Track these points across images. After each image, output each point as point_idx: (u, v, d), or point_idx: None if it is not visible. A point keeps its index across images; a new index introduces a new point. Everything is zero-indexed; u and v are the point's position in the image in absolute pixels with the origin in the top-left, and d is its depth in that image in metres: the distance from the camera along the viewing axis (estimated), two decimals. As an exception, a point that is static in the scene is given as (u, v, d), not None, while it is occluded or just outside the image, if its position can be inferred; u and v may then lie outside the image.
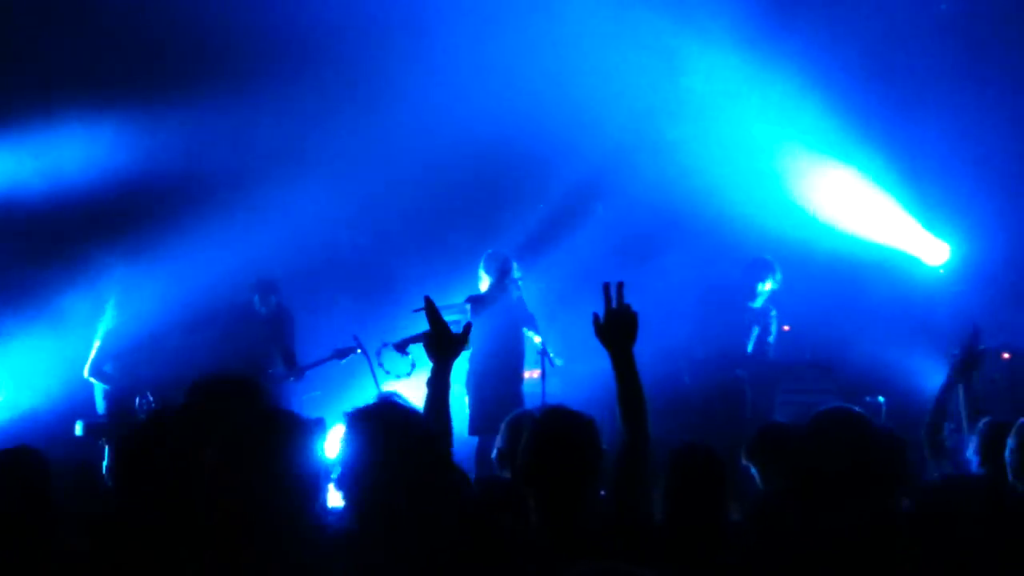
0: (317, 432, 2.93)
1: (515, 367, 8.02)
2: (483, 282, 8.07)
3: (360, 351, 8.07)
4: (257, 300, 8.44)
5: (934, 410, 4.66)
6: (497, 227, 9.24)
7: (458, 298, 8.01)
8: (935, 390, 4.76)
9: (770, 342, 8.33)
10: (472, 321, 7.75)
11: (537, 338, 8.06)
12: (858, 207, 9.30)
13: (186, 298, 8.19)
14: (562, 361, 8.08)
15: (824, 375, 8.29)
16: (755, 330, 8.23)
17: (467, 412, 7.88)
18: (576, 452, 3.23)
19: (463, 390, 7.91)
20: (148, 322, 8.00)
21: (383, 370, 7.82)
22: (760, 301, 8.29)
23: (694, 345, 8.33)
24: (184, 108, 8.57)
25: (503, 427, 4.36)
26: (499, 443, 4.35)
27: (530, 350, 8.17)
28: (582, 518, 3.18)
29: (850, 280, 9.15)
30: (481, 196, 9.67)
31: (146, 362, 7.82)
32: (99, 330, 8.05)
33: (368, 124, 9.12)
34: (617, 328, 3.27)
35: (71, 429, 7.55)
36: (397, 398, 3.08)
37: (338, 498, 2.97)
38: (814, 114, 9.03)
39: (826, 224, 9.30)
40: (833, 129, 9.06)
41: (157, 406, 7.12)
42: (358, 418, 3.01)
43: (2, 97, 8.50)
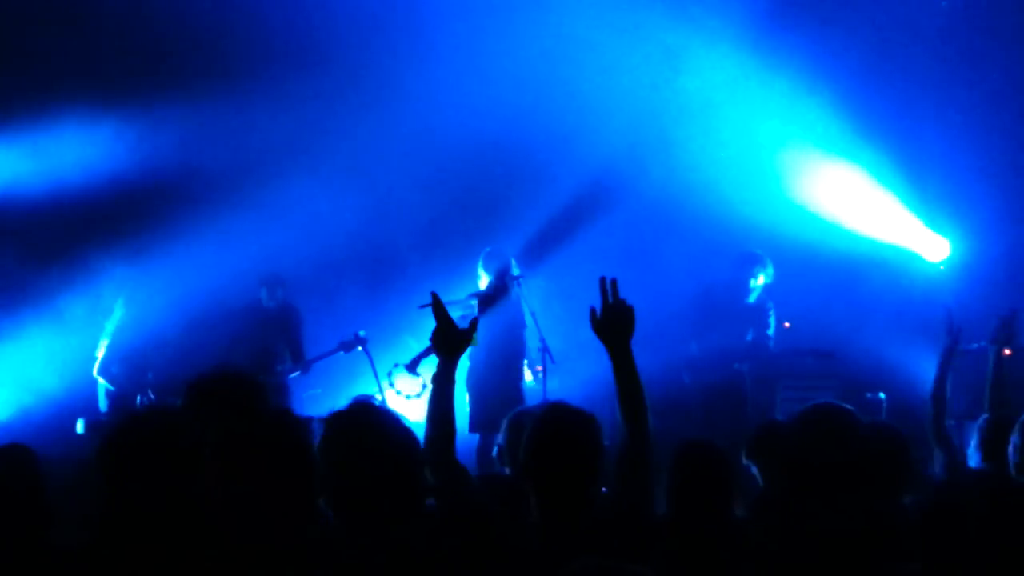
0: (312, 432, 2.94)
1: (515, 364, 8.01)
2: (482, 280, 8.06)
3: (362, 349, 8.08)
4: (265, 294, 8.44)
5: (932, 401, 4.66)
6: (499, 224, 9.23)
7: (461, 294, 8.02)
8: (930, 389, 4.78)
9: (769, 335, 8.27)
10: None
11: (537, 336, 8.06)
12: (858, 203, 9.29)
13: (193, 297, 8.20)
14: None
15: (825, 363, 8.25)
16: (750, 326, 8.21)
17: (467, 409, 7.89)
18: (578, 449, 3.23)
19: (463, 387, 7.91)
20: (156, 321, 8.00)
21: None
22: (754, 296, 8.27)
23: (689, 344, 8.30)
24: (185, 106, 8.56)
25: (504, 424, 4.36)
26: (500, 440, 4.36)
27: (530, 347, 8.17)
28: (584, 515, 3.18)
29: (851, 276, 9.15)
30: (483, 193, 9.66)
31: (153, 362, 7.81)
32: (107, 329, 8.04)
33: (371, 122, 9.11)
34: (614, 323, 3.27)
35: (72, 427, 7.56)
36: (372, 400, 3.09)
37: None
38: (815, 111, 9.02)
39: (827, 221, 9.29)
40: (834, 126, 9.06)
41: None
42: (332, 421, 3.03)
43: (1, 97, 8.50)
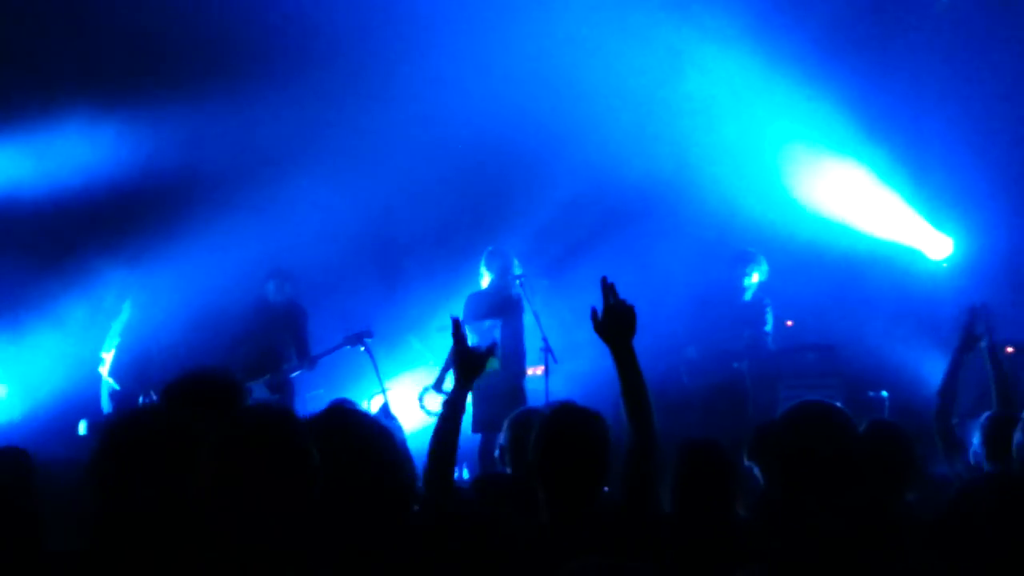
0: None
1: (517, 364, 7.99)
2: (484, 278, 8.05)
3: (364, 349, 8.08)
4: (272, 288, 8.42)
5: (940, 396, 4.63)
6: (502, 223, 9.23)
7: (462, 295, 8.05)
8: (938, 384, 4.74)
9: (767, 331, 8.25)
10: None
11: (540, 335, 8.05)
12: (861, 201, 9.28)
13: (199, 296, 8.22)
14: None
15: (828, 361, 8.24)
16: (748, 324, 8.20)
17: (469, 409, 7.89)
18: (586, 447, 3.26)
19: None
20: (163, 322, 8.01)
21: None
22: (749, 294, 8.26)
23: (686, 345, 8.29)
24: (187, 107, 8.57)
25: (506, 424, 4.36)
26: (502, 440, 4.35)
27: (532, 347, 8.15)
28: (592, 514, 3.18)
29: (853, 274, 9.13)
30: (485, 193, 9.66)
31: (160, 363, 7.81)
32: (114, 330, 8.05)
33: (375, 122, 9.13)
34: (615, 323, 3.27)
35: (75, 428, 7.56)
36: (348, 403, 3.06)
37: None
38: (818, 109, 9.01)
39: (830, 219, 9.29)
40: (837, 124, 9.05)
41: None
42: (308, 426, 3.01)
43: (2, 98, 8.50)
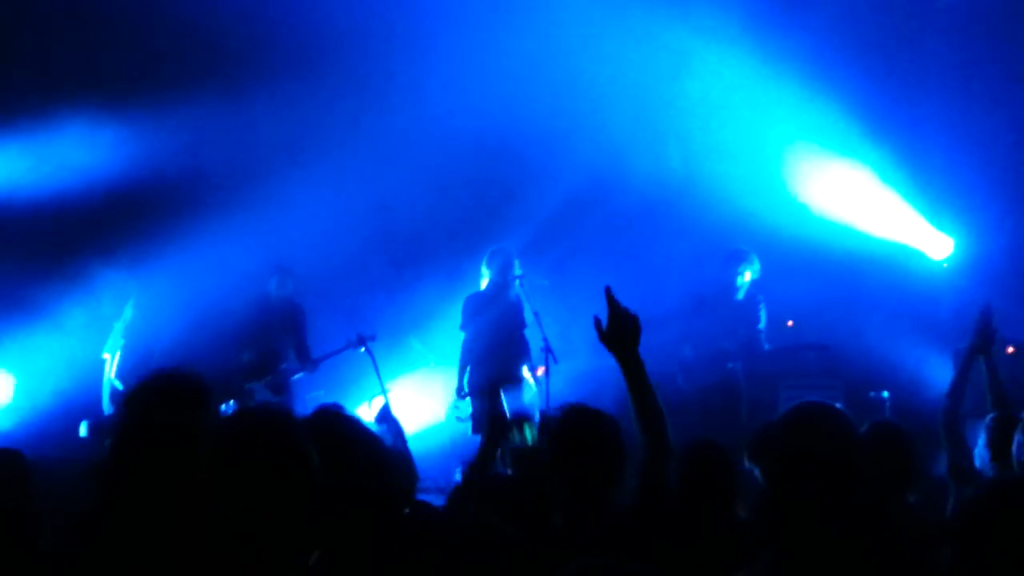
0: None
1: (517, 366, 7.98)
2: (484, 279, 8.04)
3: (365, 350, 8.07)
4: (275, 282, 8.40)
5: (949, 396, 4.54)
6: (502, 224, 9.23)
7: (461, 296, 8.06)
8: (939, 384, 4.70)
9: (760, 329, 8.23)
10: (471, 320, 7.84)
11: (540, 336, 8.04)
12: (862, 201, 9.28)
13: (199, 297, 8.21)
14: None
15: (829, 361, 8.23)
16: (741, 323, 8.20)
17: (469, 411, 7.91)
18: (600, 450, 3.25)
19: (465, 389, 7.95)
20: (164, 323, 8.00)
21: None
22: (742, 293, 8.26)
23: (682, 346, 8.28)
24: (186, 109, 8.56)
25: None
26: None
27: (533, 348, 8.14)
28: (604, 516, 3.17)
29: (854, 275, 9.12)
30: (486, 194, 9.66)
31: (162, 364, 7.77)
32: (117, 330, 8.04)
33: (374, 123, 9.13)
34: (621, 332, 3.23)
35: (75, 430, 7.54)
36: (337, 408, 3.04)
37: None
38: (818, 110, 9.01)
39: (830, 219, 9.28)
40: (837, 124, 9.04)
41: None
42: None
43: (2, 100, 8.50)
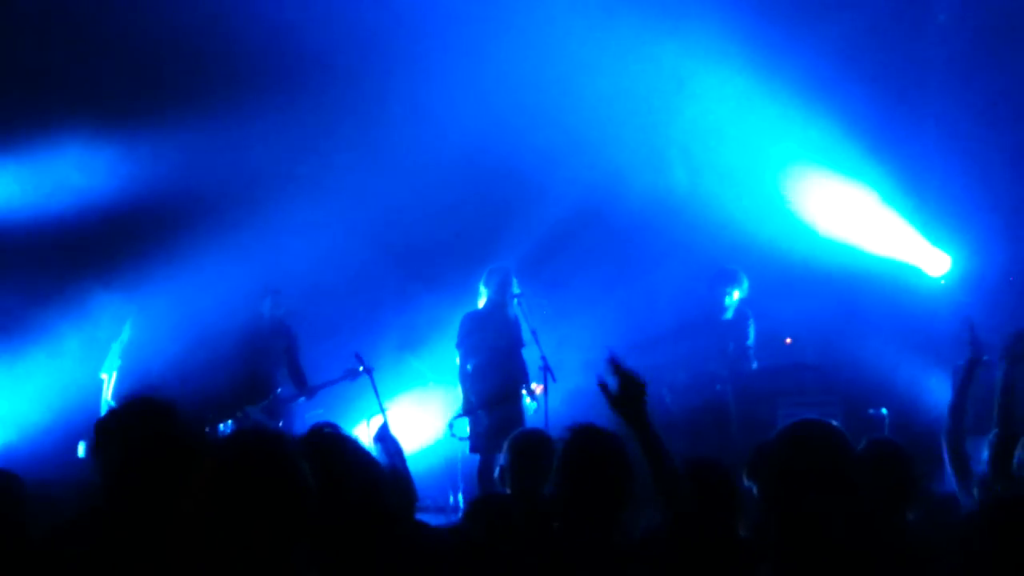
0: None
1: (515, 385, 7.96)
2: (481, 299, 8.03)
3: (363, 369, 8.05)
4: (270, 303, 8.41)
5: (951, 415, 4.33)
6: (500, 244, 9.23)
7: (459, 314, 8.05)
8: (937, 401, 4.60)
9: (749, 344, 8.25)
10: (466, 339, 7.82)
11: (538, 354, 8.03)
12: (859, 219, 9.29)
13: (198, 317, 8.20)
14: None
15: (827, 379, 8.23)
16: (730, 340, 8.20)
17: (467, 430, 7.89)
18: (609, 472, 3.25)
19: (463, 407, 7.93)
20: (163, 343, 7.99)
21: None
22: (731, 312, 8.26)
23: (675, 370, 8.27)
24: (183, 128, 8.58)
25: (506, 445, 4.36)
26: (502, 461, 4.35)
27: (531, 366, 8.13)
28: (614, 539, 3.16)
29: (852, 292, 9.13)
30: (484, 213, 9.65)
31: (159, 383, 7.78)
32: (115, 350, 8.02)
33: (373, 141, 9.14)
34: (631, 398, 3.21)
35: (73, 451, 7.54)
36: (332, 427, 3.04)
37: None
38: (816, 128, 9.03)
39: (828, 236, 9.29)
40: (835, 142, 9.07)
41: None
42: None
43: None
